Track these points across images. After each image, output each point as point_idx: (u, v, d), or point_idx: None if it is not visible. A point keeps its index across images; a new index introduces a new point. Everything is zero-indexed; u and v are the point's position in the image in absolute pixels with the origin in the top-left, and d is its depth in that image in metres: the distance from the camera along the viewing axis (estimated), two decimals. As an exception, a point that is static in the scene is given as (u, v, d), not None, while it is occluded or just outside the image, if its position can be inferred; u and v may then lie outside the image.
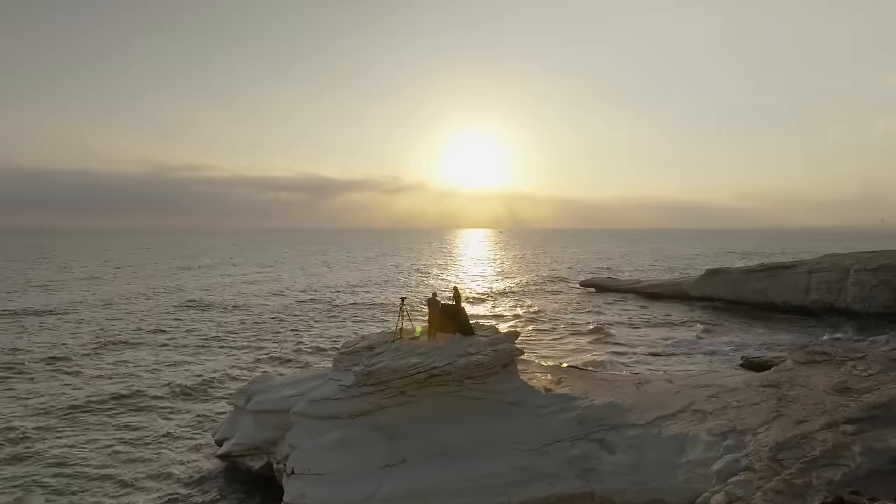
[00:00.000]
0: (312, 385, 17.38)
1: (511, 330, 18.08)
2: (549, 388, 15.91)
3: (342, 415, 14.94)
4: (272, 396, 17.48)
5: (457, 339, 17.24)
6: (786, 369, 13.94)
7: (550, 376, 17.93)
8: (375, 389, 15.01)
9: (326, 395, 15.50)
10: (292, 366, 29.16)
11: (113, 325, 39.87)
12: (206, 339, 35.80)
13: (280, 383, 18.39)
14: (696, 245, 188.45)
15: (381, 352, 16.57)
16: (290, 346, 34.21)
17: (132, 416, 21.82)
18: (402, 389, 14.96)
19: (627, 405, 13.83)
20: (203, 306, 49.53)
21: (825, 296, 46.60)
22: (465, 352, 15.74)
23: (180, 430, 20.47)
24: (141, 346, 33.17)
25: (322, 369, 19.55)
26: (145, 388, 24.75)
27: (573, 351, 32.92)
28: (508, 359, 15.78)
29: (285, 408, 16.49)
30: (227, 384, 25.46)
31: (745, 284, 51.35)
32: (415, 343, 16.98)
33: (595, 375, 18.38)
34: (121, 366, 28.81)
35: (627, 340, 35.86)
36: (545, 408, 14.31)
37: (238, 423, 18.12)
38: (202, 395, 24.21)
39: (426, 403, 14.81)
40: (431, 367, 14.80)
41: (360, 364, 16.12)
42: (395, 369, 14.83)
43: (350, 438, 14.45)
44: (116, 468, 17.43)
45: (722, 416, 12.14)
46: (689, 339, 36.12)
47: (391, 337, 17.86)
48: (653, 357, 31.29)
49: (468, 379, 15.10)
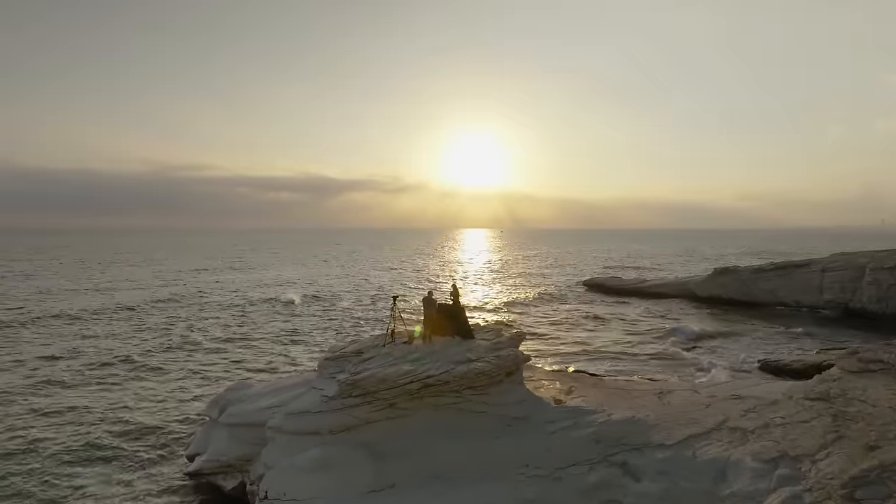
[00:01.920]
0: (293, 394, 15.53)
1: (515, 333, 16.22)
2: (558, 400, 14.05)
3: (323, 430, 13.10)
4: (248, 407, 15.62)
5: (455, 342, 15.40)
6: (832, 379, 12.11)
7: (559, 384, 16.07)
8: (361, 401, 13.16)
9: (306, 408, 13.65)
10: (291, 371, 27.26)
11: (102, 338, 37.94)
12: (197, 340, 33.94)
13: (258, 392, 16.52)
14: (701, 244, 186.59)
15: (369, 357, 14.73)
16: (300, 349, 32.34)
17: (101, 424, 19.94)
18: (391, 402, 13.11)
19: (651, 420, 11.97)
20: (186, 305, 47.67)
21: (839, 295, 44.85)
22: (463, 358, 13.90)
23: (150, 441, 18.58)
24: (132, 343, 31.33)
25: (306, 375, 17.69)
26: (119, 389, 22.89)
27: (579, 353, 31.07)
28: (513, 366, 13.93)
29: (261, 420, 14.64)
30: (210, 388, 23.60)
31: (755, 284, 49.66)
32: (407, 347, 15.14)
33: (608, 383, 16.52)
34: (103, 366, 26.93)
35: (634, 342, 34.05)
36: (556, 423, 12.45)
37: (211, 436, 16.25)
38: (181, 403, 22.31)
39: (419, 418, 12.96)
40: (425, 375, 12.95)
41: (346, 371, 14.29)
42: (383, 378, 12.98)
43: (331, 458, 12.60)
44: (73, 480, 15.58)
45: (766, 436, 10.30)
46: (701, 341, 34.32)
47: (383, 340, 16.04)
48: (663, 360, 29.46)
49: (467, 389, 13.26)
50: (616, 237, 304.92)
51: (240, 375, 25.72)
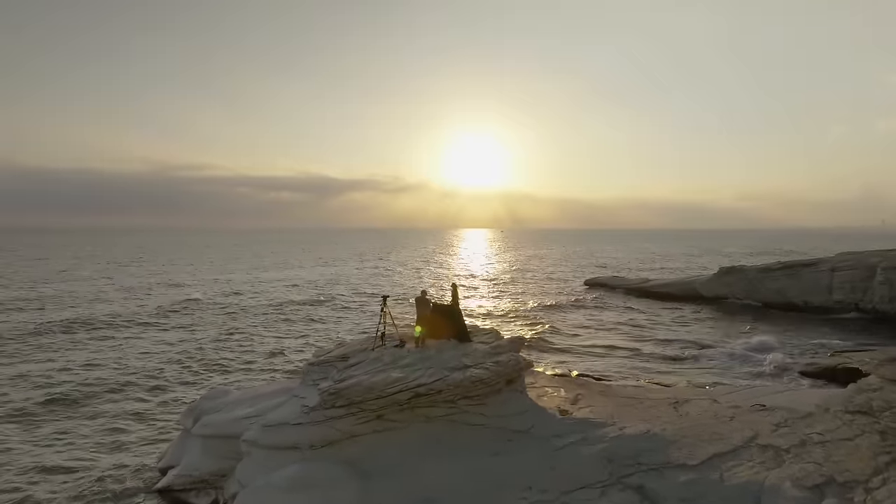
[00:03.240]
0: (273, 403, 14.21)
1: (517, 336, 14.90)
2: (564, 410, 12.72)
3: (303, 445, 11.77)
4: (223, 417, 14.28)
5: (450, 346, 14.08)
6: (871, 389, 10.80)
7: (564, 392, 14.74)
8: (345, 412, 11.84)
9: (284, 419, 12.33)
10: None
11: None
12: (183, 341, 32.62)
13: (235, 400, 15.18)
14: (694, 245, 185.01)
15: (355, 363, 13.42)
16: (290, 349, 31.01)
17: (65, 421, 18.60)
18: (379, 413, 11.78)
19: (668, 435, 10.65)
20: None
21: (849, 295, 43.57)
22: (459, 364, 12.58)
23: (121, 450, 17.24)
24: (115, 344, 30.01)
25: (289, 382, 16.39)
26: (90, 389, 21.56)
27: (582, 356, 29.75)
28: (514, 373, 12.60)
29: (237, 432, 13.31)
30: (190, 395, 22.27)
31: (762, 283, 48.33)
32: (398, 352, 13.81)
33: (617, 390, 15.19)
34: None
35: (640, 344, 32.72)
36: (562, 438, 11.12)
37: (185, 448, 14.92)
38: (162, 407, 20.99)
39: (409, 431, 11.64)
40: (416, 384, 11.63)
41: (330, 378, 12.97)
42: (370, 387, 11.65)
43: (312, 476, 11.27)
44: (31, 488, 14.26)
45: (805, 456, 9.00)
46: (709, 343, 32.99)
47: (372, 343, 14.71)
48: (672, 363, 28.14)
49: (463, 399, 11.93)
50: (617, 237, 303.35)
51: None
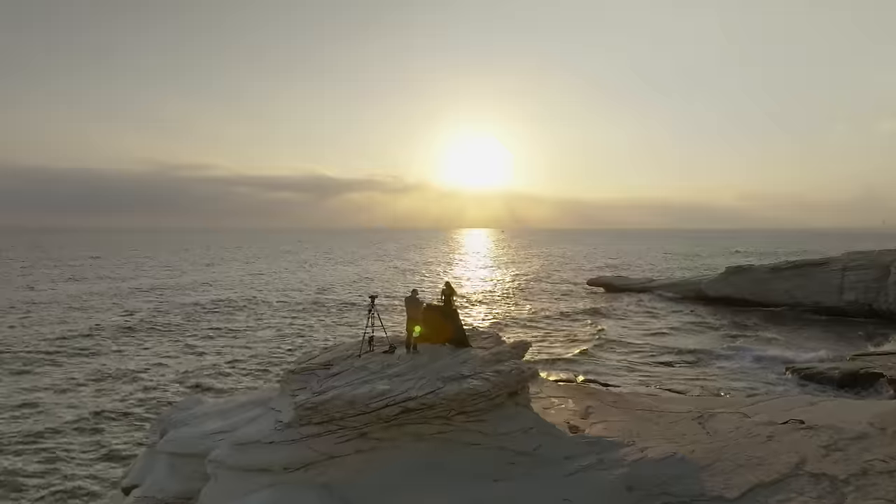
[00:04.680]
0: (247, 416, 12.66)
1: (519, 340, 13.38)
2: (575, 426, 11.19)
3: (275, 466, 10.23)
4: (191, 432, 12.71)
5: (445, 352, 12.55)
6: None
7: (572, 403, 13.21)
8: (323, 430, 10.31)
9: (255, 436, 10.79)
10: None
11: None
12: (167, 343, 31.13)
13: (207, 411, 13.62)
14: (699, 245, 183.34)
15: (338, 372, 11.89)
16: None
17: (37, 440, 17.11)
18: (362, 431, 10.24)
19: (698, 459, 9.14)
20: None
21: (862, 296, 42.13)
22: (455, 373, 11.05)
23: (84, 464, 15.74)
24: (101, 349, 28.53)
25: (268, 391, 14.84)
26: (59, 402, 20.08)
27: (587, 359, 28.25)
28: (518, 384, 11.07)
29: (205, 450, 11.77)
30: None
31: (770, 284, 46.87)
32: (388, 359, 12.29)
33: (632, 401, 13.65)
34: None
35: (647, 346, 31.26)
36: (574, 460, 9.59)
37: (150, 466, 13.37)
38: (133, 419, 19.50)
39: (397, 452, 10.11)
40: (405, 397, 10.09)
41: (308, 389, 11.44)
42: (351, 401, 10.12)
43: (283, 503, 9.77)
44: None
45: (869, 490, 7.50)
46: (718, 345, 31.53)
47: (358, 348, 13.17)
48: (681, 366, 26.67)
49: (459, 415, 10.40)
50: (617, 237, 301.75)
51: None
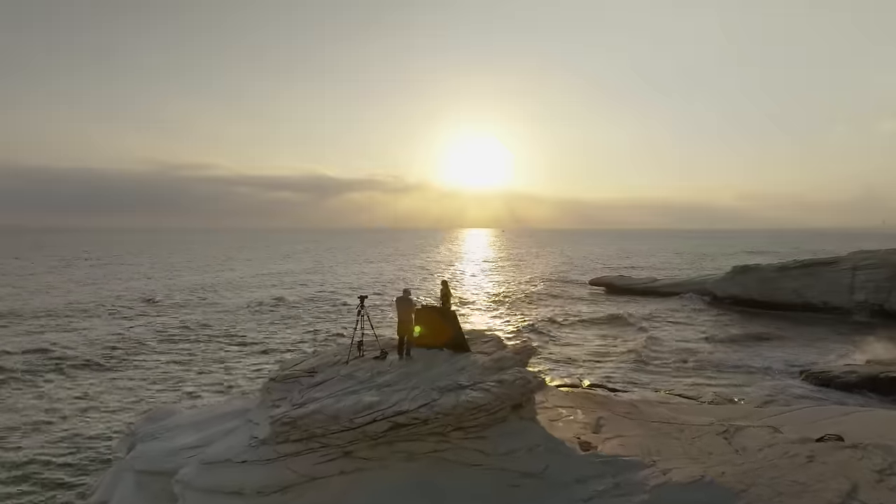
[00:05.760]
0: (223, 429, 11.47)
1: (523, 344, 12.18)
2: (586, 443, 9.98)
3: (248, 489, 9.04)
4: (160, 447, 11.51)
5: (442, 359, 11.36)
6: None
7: (582, 414, 11.99)
8: (303, 448, 9.13)
9: (226, 455, 9.60)
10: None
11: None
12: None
13: (179, 424, 12.40)
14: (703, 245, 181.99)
15: (322, 380, 10.69)
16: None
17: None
18: (346, 449, 9.05)
19: (731, 483, 7.96)
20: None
21: (873, 296, 40.88)
22: (453, 382, 9.86)
23: (52, 476, 14.53)
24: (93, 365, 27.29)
25: (252, 400, 13.60)
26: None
27: (592, 362, 27.04)
28: (522, 396, 9.86)
29: (173, 467, 10.58)
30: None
31: (778, 283, 45.60)
32: (378, 366, 11.10)
33: (646, 411, 12.45)
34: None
35: (653, 348, 30.00)
36: (587, 484, 8.40)
37: (118, 483, 12.20)
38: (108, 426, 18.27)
39: (386, 474, 8.90)
40: (395, 411, 8.90)
41: (288, 401, 10.25)
42: (334, 415, 8.93)
43: (257, 533, 8.59)
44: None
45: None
46: (727, 346, 30.31)
47: (347, 354, 11.97)
48: (690, 370, 25.43)
49: (456, 431, 9.20)
50: (618, 237, 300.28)
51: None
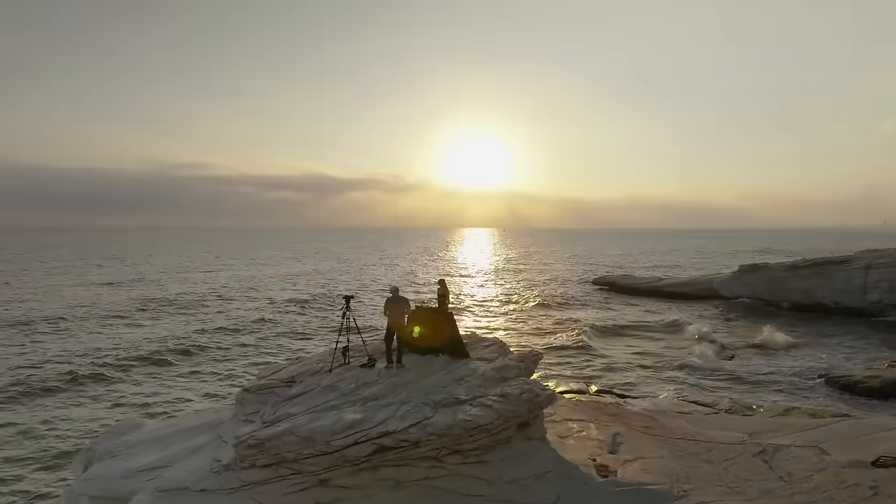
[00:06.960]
0: (189, 447, 10.10)
1: (528, 350, 10.80)
2: (603, 466, 8.61)
3: (208, 523, 7.69)
4: (118, 467, 10.12)
5: (437, 366, 10.01)
6: None
7: (595, 430, 10.61)
8: (273, 475, 7.76)
9: (184, 482, 8.24)
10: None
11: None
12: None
13: (142, 439, 11.01)
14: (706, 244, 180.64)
15: (300, 393, 9.32)
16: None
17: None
18: (322, 476, 7.68)
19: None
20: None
21: (887, 296, 39.50)
22: (449, 396, 8.50)
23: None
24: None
25: (229, 411, 12.22)
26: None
27: (598, 364, 25.67)
28: (530, 413, 8.47)
29: (128, 493, 9.23)
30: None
31: (788, 282, 44.26)
32: (364, 375, 9.74)
33: (668, 426, 11.07)
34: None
35: (659, 349, 28.65)
36: (607, 520, 7.04)
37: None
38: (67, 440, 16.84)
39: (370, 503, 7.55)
40: (381, 431, 7.54)
41: (259, 417, 8.88)
42: (308, 436, 7.56)
43: (216, 577, 7.23)
44: None
45: None
46: (738, 349, 28.91)
47: (329, 361, 10.62)
48: (701, 373, 24.04)
49: (453, 455, 7.82)
50: (618, 236, 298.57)
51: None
